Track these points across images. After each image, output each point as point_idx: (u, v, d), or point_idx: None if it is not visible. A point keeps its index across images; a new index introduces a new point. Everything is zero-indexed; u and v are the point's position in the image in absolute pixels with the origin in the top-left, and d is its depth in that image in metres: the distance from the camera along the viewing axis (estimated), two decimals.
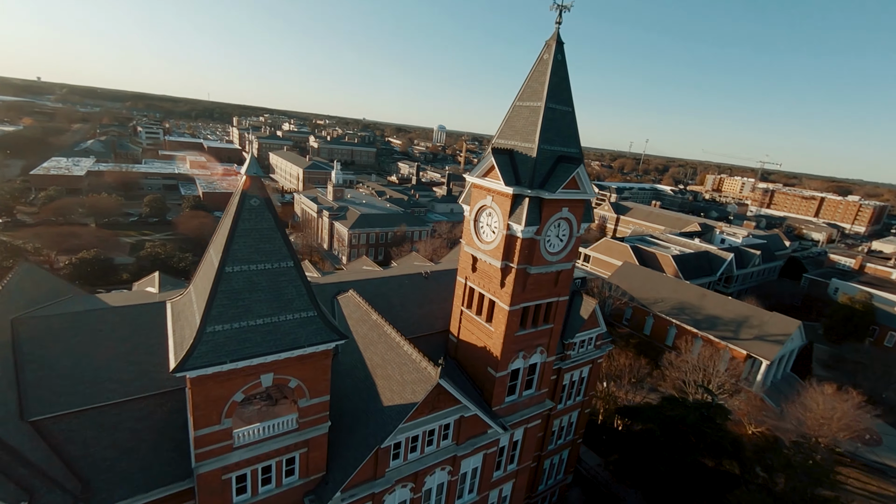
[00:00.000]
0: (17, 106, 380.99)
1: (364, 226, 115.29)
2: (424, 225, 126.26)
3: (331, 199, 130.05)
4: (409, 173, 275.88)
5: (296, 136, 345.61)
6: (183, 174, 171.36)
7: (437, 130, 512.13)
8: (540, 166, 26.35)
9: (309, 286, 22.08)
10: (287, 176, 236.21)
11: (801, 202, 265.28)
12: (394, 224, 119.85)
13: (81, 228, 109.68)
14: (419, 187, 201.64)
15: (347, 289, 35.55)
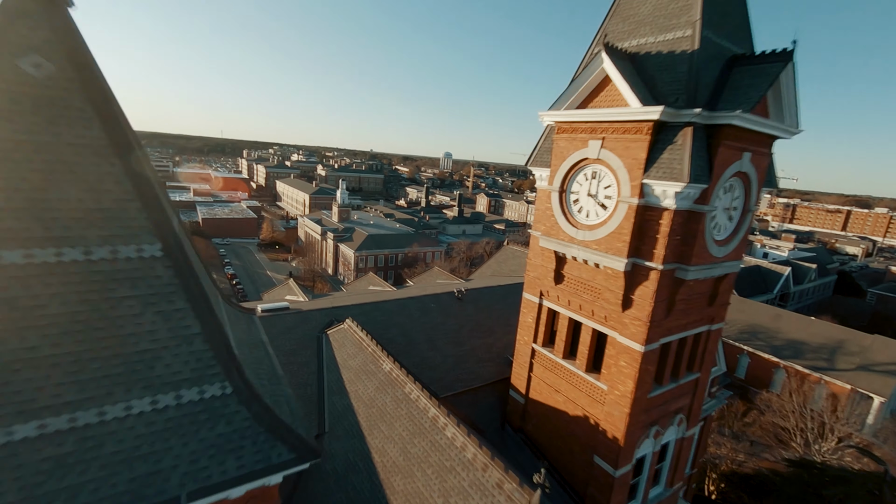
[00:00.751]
0: None
1: (372, 247, 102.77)
2: (438, 245, 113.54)
3: (336, 221, 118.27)
4: (418, 197, 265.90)
5: (304, 166, 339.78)
6: (186, 201, 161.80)
7: (443, 158, 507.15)
8: (703, 70, 13.40)
9: (219, 325, 8.96)
10: (293, 203, 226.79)
11: (825, 216, 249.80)
12: (404, 245, 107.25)
13: None
14: (429, 209, 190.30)
15: (344, 316, 22.36)
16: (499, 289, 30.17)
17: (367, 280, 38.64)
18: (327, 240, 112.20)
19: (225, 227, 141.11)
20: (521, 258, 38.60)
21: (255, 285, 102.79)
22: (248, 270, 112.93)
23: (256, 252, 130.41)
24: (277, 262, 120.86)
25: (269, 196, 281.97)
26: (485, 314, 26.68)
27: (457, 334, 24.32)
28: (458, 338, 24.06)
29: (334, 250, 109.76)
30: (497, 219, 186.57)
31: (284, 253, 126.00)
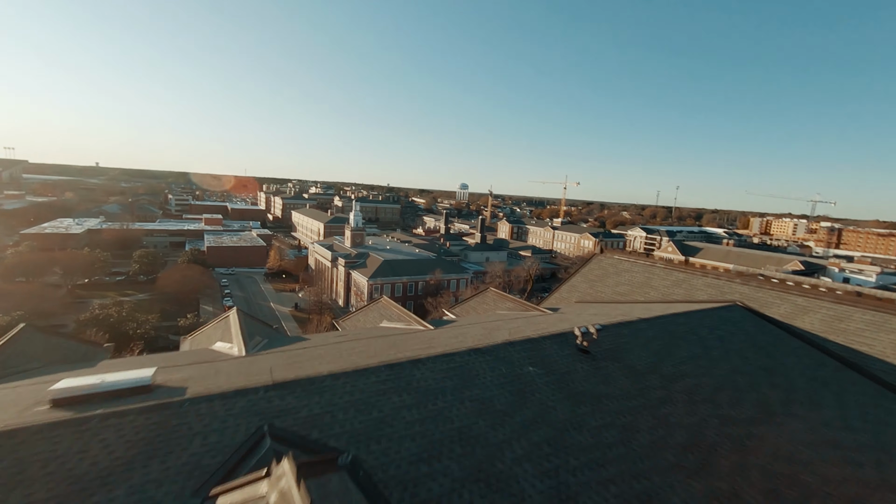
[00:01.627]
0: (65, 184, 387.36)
1: (388, 274, 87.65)
2: (463, 272, 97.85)
3: (348, 246, 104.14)
4: (436, 226, 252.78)
5: (321, 198, 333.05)
6: (193, 230, 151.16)
7: (459, 189, 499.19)
8: None
9: None
10: (308, 232, 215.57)
11: (876, 240, 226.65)
12: (425, 271, 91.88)
13: (42, 288, 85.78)
14: (449, 237, 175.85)
15: (300, 413, 6.07)
16: (663, 322, 14.27)
17: (377, 310, 22.95)
18: (338, 266, 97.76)
19: (231, 255, 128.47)
20: (634, 273, 22.80)
21: None
22: (251, 302, 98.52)
23: (263, 282, 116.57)
24: (284, 293, 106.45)
25: (285, 226, 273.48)
26: (685, 399, 10.68)
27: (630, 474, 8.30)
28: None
29: (346, 278, 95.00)
30: (521, 245, 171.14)
31: (292, 282, 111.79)
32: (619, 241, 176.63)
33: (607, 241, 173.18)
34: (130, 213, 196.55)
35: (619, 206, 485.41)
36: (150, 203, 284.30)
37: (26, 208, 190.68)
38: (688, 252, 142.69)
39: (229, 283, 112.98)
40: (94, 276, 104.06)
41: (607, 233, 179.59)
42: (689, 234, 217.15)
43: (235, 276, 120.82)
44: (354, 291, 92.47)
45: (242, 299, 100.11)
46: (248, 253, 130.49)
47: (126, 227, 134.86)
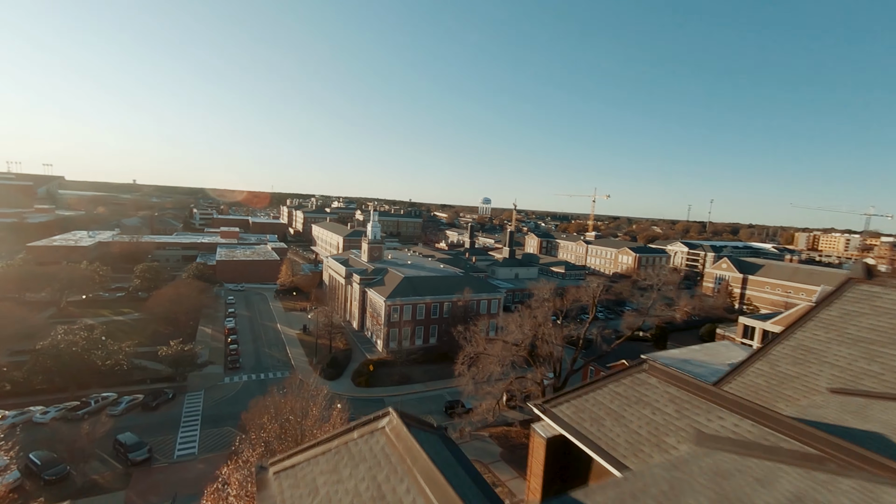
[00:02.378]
0: (98, 199, 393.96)
1: (409, 294, 74.39)
2: (494, 291, 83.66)
3: (365, 261, 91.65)
4: (460, 240, 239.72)
5: (343, 213, 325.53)
6: (206, 243, 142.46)
7: (482, 203, 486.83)
8: None
9: None
10: (327, 246, 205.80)
11: None
12: (452, 290, 78.27)
13: (25, 307, 76.08)
14: (474, 251, 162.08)
15: None
16: None
17: None
18: (353, 283, 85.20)
19: (241, 270, 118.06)
20: None
21: (256, 345, 75.65)
22: (256, 324, 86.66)
23: (273, 299, 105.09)
24: (294, 313, 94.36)
25: (305, 240, 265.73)
26: None
27: None
28: None
29: (361, 297, 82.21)
30: (552, 261, 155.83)
31: (304, 300, 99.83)
32: (662, 257, 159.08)
33: (647, 256, 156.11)
34: (149, 227, 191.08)
35: (647, 221, 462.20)
36: (174, 217, 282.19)
37: (52, 222, 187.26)
38: (746, 269, 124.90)
39: (236, 300, 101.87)
40: (93, 292, 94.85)
41: (646, 248, 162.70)
42: (734, 249, 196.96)
43: (244, 293, 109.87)
44: (370, 313, 79.48)
45: (247, 320, 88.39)
46: (259, 267, 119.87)
47: (136, 240, 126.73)
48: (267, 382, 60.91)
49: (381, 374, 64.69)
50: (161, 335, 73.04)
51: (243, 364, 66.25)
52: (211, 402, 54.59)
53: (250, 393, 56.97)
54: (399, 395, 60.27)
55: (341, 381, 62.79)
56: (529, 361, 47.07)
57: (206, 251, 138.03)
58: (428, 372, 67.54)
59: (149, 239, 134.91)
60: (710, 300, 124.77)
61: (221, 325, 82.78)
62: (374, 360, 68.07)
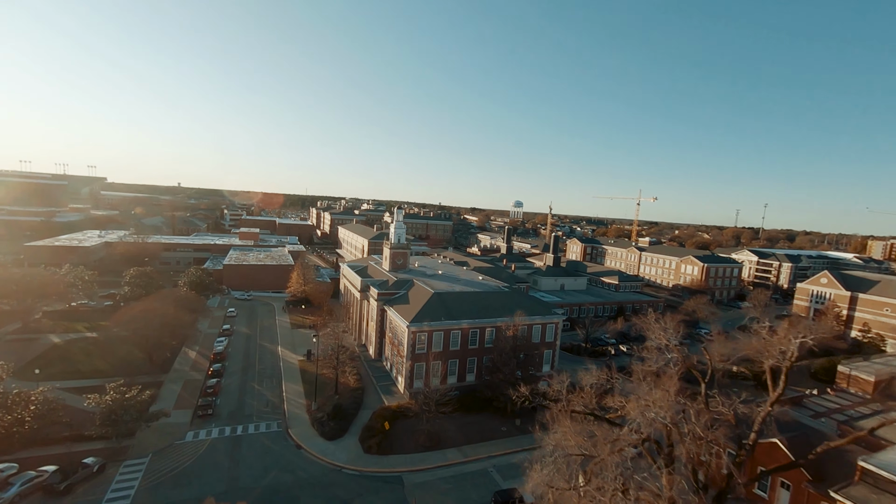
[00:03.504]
0: (138, 200, 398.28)
1: (440, 316, 54.81)
2: (551, 315, 62.86)
3: (387, 269, 72.95)
4: (493, 244, 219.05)
5: (372, 215, 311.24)
6: (220, 245, 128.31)
7: (513, 207, 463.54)
8: None
9: None
10: (352, 249, 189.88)
11: None
12: (495, 311, 58.20)
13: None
14: (513, 257, 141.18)
15: None
16: None
17: None
18: (369, 299, 66.54)
19: (250, 276, 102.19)
20: None
21: (245, 377, 58.01)
22: (252, 346, 69.46)
23: (281, 312, 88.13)
24: (301, 331, 76.79)
25: (332, 243, 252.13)
26: None
27: None
28: None
29: (379, 317, 63.36)
30: (601, 269, 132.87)
31: (315, 314, 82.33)
32: (734, 268, 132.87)
33: (717, 267, 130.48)
34: (171, 227, 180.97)
35: (689, 227, 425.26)
36: (205, 218, 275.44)
37: (79, 221, 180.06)
38: (854, 286, 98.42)
39: (239, 312, 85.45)
40: (79, 301, 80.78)
41: (715, 256, 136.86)
42: (811, 259, 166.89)
43: (250, 303, 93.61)
44: (390, 338, 60.49)
45: (243, 340, 71.31)
46: (269, 273, 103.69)
47: (142, 241, 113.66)
48: (243, 441, 42.84)
49: (400, 432, 45.43)
50: (132, 362, 56.77)
51: (219, 409, 48.50)
52: (154, 477, 36.78)
53: (216, 460, 39.03)
54: (425, 468, 40.77)
55: (346, 442, 43.92)
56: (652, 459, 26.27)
57: (219, 253, 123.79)
58: (465, 429, 47.74)
59: (155, 240, 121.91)
60: (805, 322, 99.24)
61: (211, 347, 66.03)
62: (392, 409, 48.80)
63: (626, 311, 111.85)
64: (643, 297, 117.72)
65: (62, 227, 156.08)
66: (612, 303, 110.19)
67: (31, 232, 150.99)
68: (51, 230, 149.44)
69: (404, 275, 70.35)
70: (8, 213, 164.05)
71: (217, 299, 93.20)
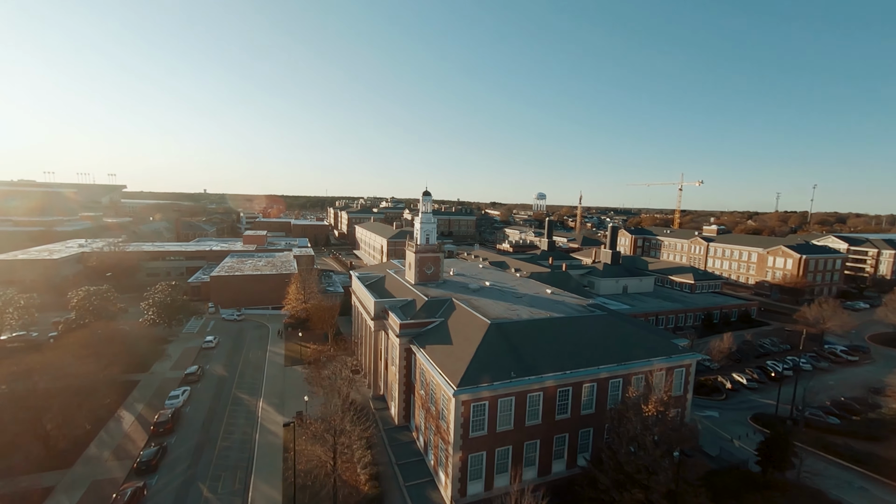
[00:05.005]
0: (160, 207, 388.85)
1: (505, 368, 30.60)
2: (679, 353, 37.85)
3: (412, 282, 49.26)
4: (522, 238, 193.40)
5: (391, 213, 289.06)
6: (217, 251, 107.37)
7: (536, 199, 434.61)
8: None
9: None
10: (370, 250, 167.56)
11: None
12: (595, 354, 33.77)
13: None
14: (557, 254, 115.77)
15: None
16: None
17: None
18: (388, 331, 42.69)
19: (243, 289, 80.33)
20: None
21: (194, 467, 35.13)
22: (222, 401, 46.76)
23: (276, 339, 65.67)
24: (297, 369, 53.99)
25: (349, 243, 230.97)
26: None
27: None
28: None
29: (405, 360, 39.58)
30: (668, 266, 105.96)
31: (318, 342, 59.64)
32: (835, 260, 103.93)
33: (817, 259, 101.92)
34: (175, 232, 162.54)
35: (731, 214, 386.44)
36: (221, 221, 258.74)
37: (85, 230, 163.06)
38: None
39: (220, 340, 63.37)
40: (28, 328, 60.50)
41: (810, 246, 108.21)
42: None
43: (241, 326, 71.69)
44: (422, 400, 36.79)
45: (214, 387, 48.81)
46: (267, 285, 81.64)
47: (120, 250, 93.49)
48: None
49: None
50: (19, 448, 34.89)
51: None
52: None
53: None
54: None
55: None
56: None
57: (216, 261, 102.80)
58: None
59: (136, 248, 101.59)
60: None
61: (162, 404, 43.80)
62: None
63: (713, 319, 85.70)
64: (731, 301, 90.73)
65: (63, 237, 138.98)
66: (696, 309, 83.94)
67: (30, 243, 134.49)
68: (50, 240, 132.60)
69: (437, 290, 46.49)
70: (11, 224, 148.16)
71: (197, 322, 71.54)
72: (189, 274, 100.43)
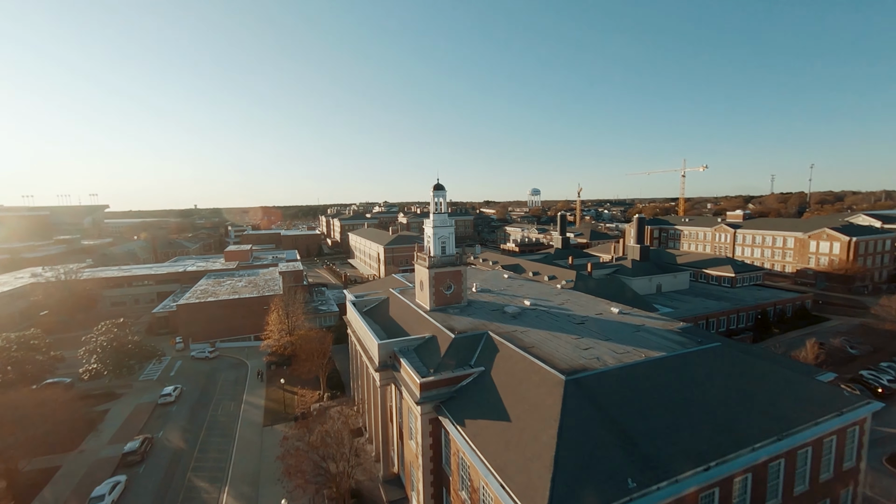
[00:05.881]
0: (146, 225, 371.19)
1: (606, 469, 17.12)
2: (849, 410, 24.69)
3: (426, 307, 35.67)
4: (526, 237, 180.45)
5: (384, 217, 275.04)
6: (191, 272, 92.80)
7: (530, 195, 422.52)
8: None
9: None
10: (366, 258, 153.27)
11: None
12: (728, 420, 20.46)
13: None
14: (574, 253, 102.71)
15: None
16: None
17: None
18: (403, 392, 28.83)
19: (218, 317, 65.91)
20: None
21: None
22: (176, 483, 32.81)
23: (254, 384, 51.56)
24: (279, 430, 40.09)
25: (343, 252, 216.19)
26: None
27: None
28: None
29: (431, 436, 25.87)
30: (699, 258, 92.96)
31: (307, 385, 45.79)
32: (885, 240, 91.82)
33: (868, 241, 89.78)
34: (152, 252, 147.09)
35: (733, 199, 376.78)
36: (208, 237, 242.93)
37: (57, 254, 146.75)
38: None
39: (184, 390, 49.22)
40: None
41: (855, 226, 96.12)
42: None
43: (213, 365, 57.55)
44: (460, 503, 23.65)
45: (162, 470, 34.78)
46: (246, 310, 67.32)
47: (72, 279, 78.42)
48: None
49: None
50: None
51: None
52: None
53: None
54: None
55: None
56: None
57: (192, 283, 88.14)
58: None
59: (90, 275, 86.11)
60: None
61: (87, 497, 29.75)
62: None
63: (769, 319, 73.11)
64: (783, 294, 78.07)
65: (31, 263, 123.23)
66: (748, 308, 71.21)
67: None
68: (16, 268, 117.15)
69: (464, 318, 32.92)
70: None
71: (159, 366, 57.10)
72: (160, 300, 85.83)
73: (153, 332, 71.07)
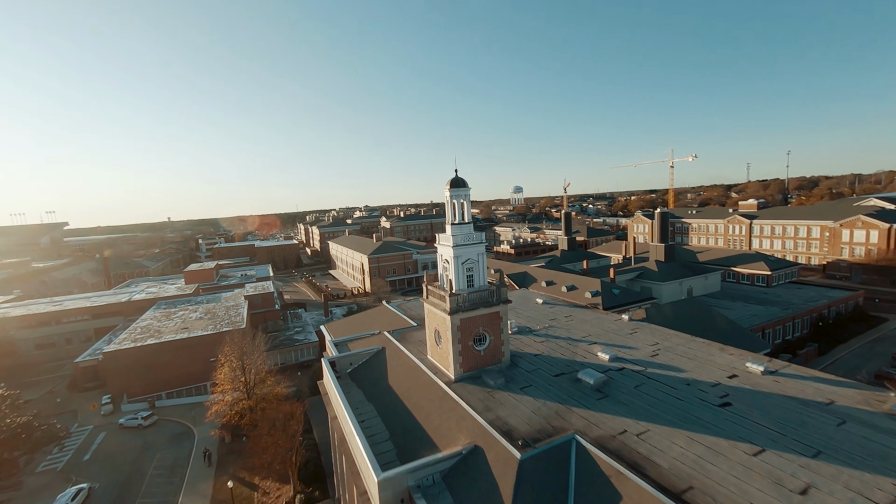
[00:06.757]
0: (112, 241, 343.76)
1: None
2: None
3: (449, 371, 21.80)
4: (518, 237, 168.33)
5: (366, 222, 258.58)
6: (136, 301, 75.92)
7: (513, 193, 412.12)
8: None
9: None
10: (348, 271, 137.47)
11: None
12: None
13: None
14: (582, 253, 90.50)
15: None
16: None
17: None
18: None
19: (161, 366, 50.09)
20: None
21: None
22: None
23: (204, 464, 36.68)
24: None
25: (324, 262, 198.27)
26: None
27: None
28: None
29: None
30: (727, 253, 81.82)
31: (271, 475, 31.02)
32: None
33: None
34: (104, 274, 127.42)
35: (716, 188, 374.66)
36: (178, 251, 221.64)
37: None
38: None
39: (100, 481, 33.81)
40: None
41: (885, 212, 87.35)
42: None
43: (146, 439, 42.12)
44: None
45: None
46: (193, 355, 51.57)
47: None
48: None
49: None
50: None
51: None
52: None
53: None
54: None
55: None
56: None
57: (139, 314, 71.37)
58: None
59: (3, 312, 67.97)
60: None
61: None
62: None
63: (824, 323, 62.30)
64: (834, 293, 67.26)
65: None
66: (802, 313, 60.05)
67: None
68: None
69: (516, 397, 19.19)
70: None
71: (72, 445, 41.09)
72: (98, 338, 68.99)
73: (77, 387, 54.50)
